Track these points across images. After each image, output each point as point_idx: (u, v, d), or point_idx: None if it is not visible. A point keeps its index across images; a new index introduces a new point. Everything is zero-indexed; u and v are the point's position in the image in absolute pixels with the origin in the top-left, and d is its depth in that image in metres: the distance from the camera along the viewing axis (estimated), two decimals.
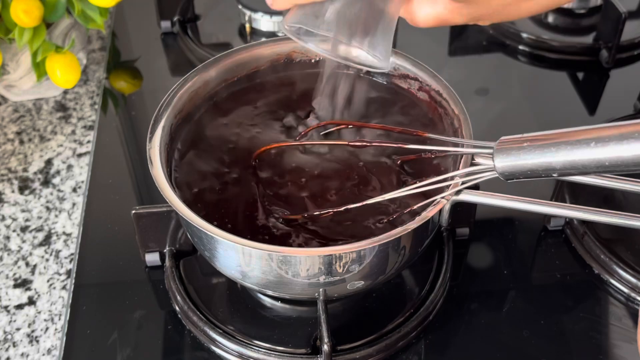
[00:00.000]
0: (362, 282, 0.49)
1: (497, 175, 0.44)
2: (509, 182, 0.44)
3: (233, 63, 0.60)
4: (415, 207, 0.49)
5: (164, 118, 0.54)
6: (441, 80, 0.57)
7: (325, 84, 0.60)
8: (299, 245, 0.49)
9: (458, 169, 0.49)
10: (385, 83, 0.61)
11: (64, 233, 0.65)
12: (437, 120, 0.57)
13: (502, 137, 0.43)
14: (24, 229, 0.65)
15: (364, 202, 0.49)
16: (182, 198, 0.49)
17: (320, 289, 0.49)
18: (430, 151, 0.52)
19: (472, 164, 0.48)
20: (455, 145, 0.50)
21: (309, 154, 0.56)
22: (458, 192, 0.47)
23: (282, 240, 0.50)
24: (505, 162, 0.42)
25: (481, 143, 0.47)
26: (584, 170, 0.39)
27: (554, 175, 0.40)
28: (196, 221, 0.46)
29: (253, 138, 0.57)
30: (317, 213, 0.50)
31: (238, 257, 0.48)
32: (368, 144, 0.54)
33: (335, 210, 0.49)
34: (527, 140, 0.41)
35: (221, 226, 0.47)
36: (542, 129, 0.42)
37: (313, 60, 0.62)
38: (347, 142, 0.54)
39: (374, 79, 0.61)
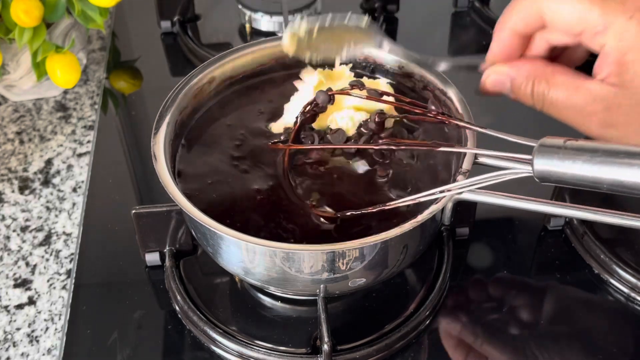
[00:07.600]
0: (364, 279, 0.49)
1: (530, 174, 0.42)
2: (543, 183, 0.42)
3: (238, 60, 0.61)
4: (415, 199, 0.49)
5: (169, 114, 0.54)
6: (445, 79, 0.57)
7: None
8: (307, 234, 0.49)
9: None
10: (390, 81, 0.61)
11: (64, 233, 0.65)
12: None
13: (545, 138, 0.42)
14: (24, 229, 0.65)
15: (383, 207, 0.48)
16: (185, 194, 0.49)
17: (322, 286, 0.49)
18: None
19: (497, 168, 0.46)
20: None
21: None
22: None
23: (286, 236, 0.49)
24: (546, 166, 0.41)
25: (521, 140, 0.45)
26: (632, 192, 0.38)
27: (602, 189, 0.39)
28: (199, 217, 0.46)
29: (258, 135, 0.57)
30: (349, 213, 0.49)
31: (241, 254, 0.48)
32: (385, 147, 0.52)
33: (362, 212, 0.49)
34: (574, 149, 0.39)
35: (226, 222, 0.47)
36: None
37: None
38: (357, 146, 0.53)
39: (379, 77, 0.62)
